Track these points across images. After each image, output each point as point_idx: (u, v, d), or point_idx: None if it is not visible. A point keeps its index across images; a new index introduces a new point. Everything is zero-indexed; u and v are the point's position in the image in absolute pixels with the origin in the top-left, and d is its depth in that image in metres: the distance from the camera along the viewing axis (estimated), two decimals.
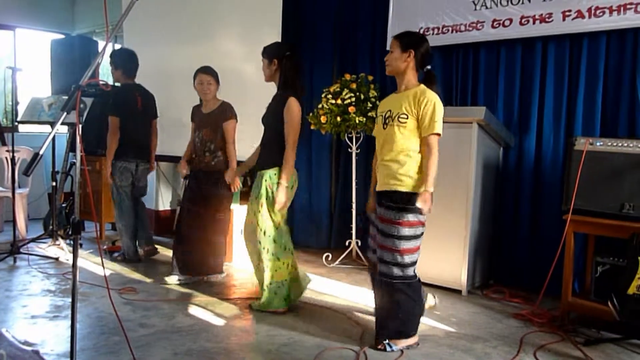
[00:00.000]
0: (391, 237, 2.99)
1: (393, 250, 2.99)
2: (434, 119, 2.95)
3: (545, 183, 4.24)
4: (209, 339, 3.18)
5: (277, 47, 3.72)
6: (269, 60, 3.66)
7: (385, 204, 3.01)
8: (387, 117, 3.07)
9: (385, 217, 3.01)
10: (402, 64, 3.06)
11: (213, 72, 4.35)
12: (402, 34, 3.17)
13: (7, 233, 5.94)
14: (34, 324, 3.36)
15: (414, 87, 3.06)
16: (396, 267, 3.00)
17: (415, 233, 3.02)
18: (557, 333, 3.38)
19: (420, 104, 2.96)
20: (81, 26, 7.69)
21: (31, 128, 7.00)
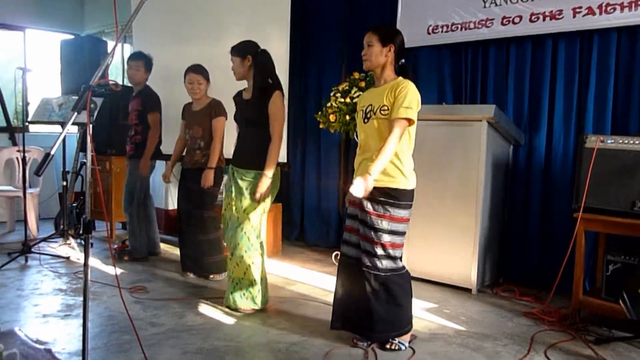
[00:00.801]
0: (381, 230, 2.96)
1: (383, 244, 2.96)
2: (403, 104, 2.87)
3: (555, 181, 4.22)
4: (219, 338, 3.19)
5: (247, 44, 3.66)
6: (241, 58, 3.60)
7: (374, 198, 2.95)
8: (369, 111, 3.02)
9: (375, 211, 2.97)
10: (383, 58, 3.01)
11: (203, 71, 4.37)
12: (380, 27, 3.10)
13: (18, 232, 5.98)
14: (46, 323, 3.39)
15: (393, 80, 3.03)
16: (387, 259, 2.98)
17: (404, 229, 3.02)
18: (568, 332, 3.37)
19: (396, 92, 2.92)
20: (90, 26, 7.72)
21: (42, 128, 7.04)
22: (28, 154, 5.15)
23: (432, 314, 3.69)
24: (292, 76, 5.31)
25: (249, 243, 3.58)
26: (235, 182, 3.64)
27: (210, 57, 4.62)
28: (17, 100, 5.39)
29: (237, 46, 3.67)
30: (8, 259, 4.72)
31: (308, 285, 4.35)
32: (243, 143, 3.70)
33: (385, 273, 2.98)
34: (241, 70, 3.64)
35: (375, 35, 3.02)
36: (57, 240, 5.41)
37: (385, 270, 2.98)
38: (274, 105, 3.54)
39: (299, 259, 5.24)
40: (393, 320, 3.03)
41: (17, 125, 6.80)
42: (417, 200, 4.35)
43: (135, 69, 4.87)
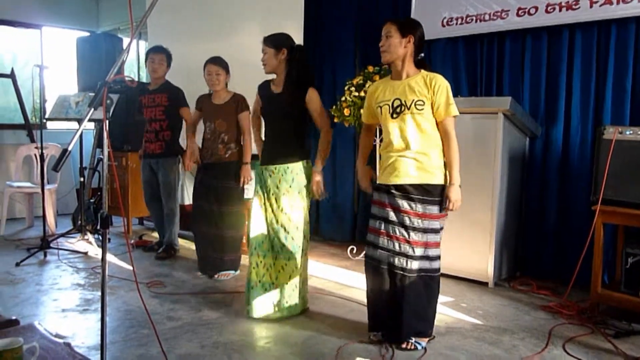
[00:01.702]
0: (421, 230, 2.90)
1: (425, 244, 2.91)
2: (449, 101, 2.85)
3: (573, 173, 4.17)
4: (235, 332, 3.21)
5: (284, 36, 3.52)
6: (276, 49, 3.45)
7: (412, 196, 2.89)
8: (398, 105, 2.91)
9: (414, 210, 2.89)
10: (402, 50, 2.92)
11: (222, 63, 4.33)
12: (398, 19, 3.04)
13: (37, 228, 6.06)
14: (65, 317, 3.43)
15: (417, 74, 2.94)
16: (424, 260, 2.92)
17: (442, 226, 2.97)
18: (587, 325, 3.34)
19: (433, 88, 2.86)
20: (106, 23, 7.77)
21: (59, 125, 7.11)
22: (46, 151, 5.20)
23: (449, 307, 3.68)
24: None
25: (305, 242, 3.49)
26: (268, 181, 3.48)
27: (224, 52, 4.62)
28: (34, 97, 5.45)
29: (272, 37, 3.50)
30: (27, 254, 4.79)
31: (324, 280, 4.35)
32: (275, 140, 3.55)
33: (418, 274, 2.91)
34: (274, 62, 3.47)
35: (394, 26, 2.93)
36: (75, 235, 5.47)
37: (419, 271, 2.91)
38: (313, 101, 3.47)
39: (315, 253, 5.24)
40: (417, 324, 2.97)
41: (34, 123, 6.86)
42: None
43: (158, 62, 4.85)
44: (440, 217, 2.94)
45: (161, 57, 4.87)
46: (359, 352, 2.95)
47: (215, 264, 4.37)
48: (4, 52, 7.32)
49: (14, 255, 4.88)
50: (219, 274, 4.35)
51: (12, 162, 6.66)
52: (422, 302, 2.96)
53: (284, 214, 3.43)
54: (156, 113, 4.86)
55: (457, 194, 2.87)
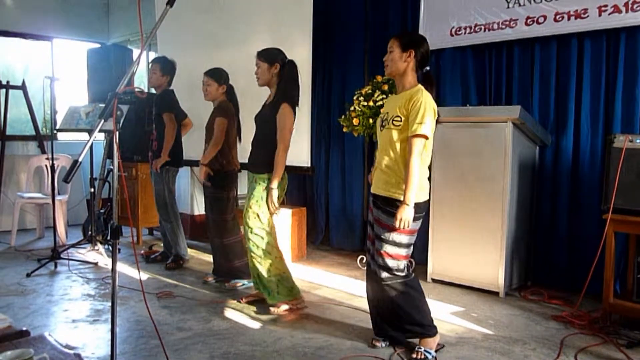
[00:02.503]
0: (381, 240, 2.96)
1: (381, 254, 2.96)
2: (419, 120, 2.80)
3: (583, 182, 4.15)
4: (246, 342, 3.20)
5: (277, 51, 3.69)
6: (269, 64, 3.63)
7: (383, 208, 2.96)
8: (384, 119, 3.00)
9: (380, 219, 2.98)
10: (402, 64, 2.96)
11: (213, 74, 4.35)
12: (402, 34, 3.11)
13: (48, 239, 6.09)
14: (75, 328, 3.44)
15: (412, 88, 2.97)
16: (386, 270, 2.97)
17: (409, 241, 2.97)
18: (599, 335, 3.30)
19: (409, 104, 2.87)
20: (116, 35, 7.84)
21: (69, 136, 7.16)
22: (56, 162, 5.24)
23: (459, 317, 3.65)
24: (315, 80, 5.32)
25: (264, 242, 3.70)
26: (251, 186, 3.74)
27: (233, 61, 4.65)
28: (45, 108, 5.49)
29: (265, 52, 3.67)
30: (38, 265, 4.80)
31: (333, 289, 4.34)
32: (254, 147, 3.76)
33: (385, 282, 3.00)
34: (267, 76, 3.65)
35: (396, 41, 2.99)
36: (86, 246, 5.49)
37: (386, 279, 2.99)
38: (282, 117, 3.59)
39: (324, 262, 5.24)
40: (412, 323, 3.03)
41: (45, 134, 6.93)
42: (443, 203, 4.34)
43: (152, 71, 4.87)
44: (403, 232, 2.90)
45: (154, 66, 4.88)
46: None
47: (226, 271, 4.42)
48: (16, 64, 7.40)
49: (24, 266, 4.90)
50: (230, 283, 4.36)
51: (23, 173, 6.71)
52: (400, 305, 3.01)
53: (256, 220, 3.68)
54: (151, 123, 4.94)
55: (406, 213, 2.80)
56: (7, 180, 6.74)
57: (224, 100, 4.40)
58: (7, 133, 6.80)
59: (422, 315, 3.06)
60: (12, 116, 7.02)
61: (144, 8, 2.39)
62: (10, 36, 7.10)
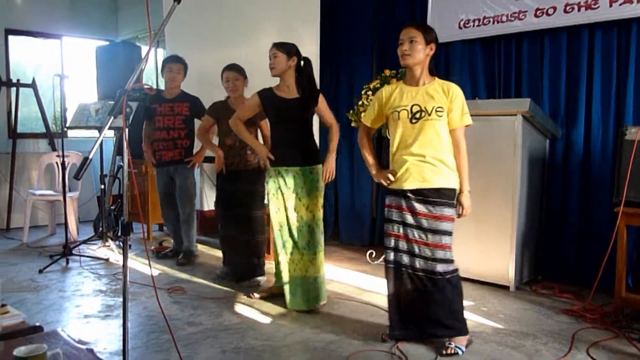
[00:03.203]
0: (439, 233, 2.93)
1: (442, 247, 2.93)
2: (464, 110, 2.95)
3: (594, 175, 4.12)
4: (256, 337, 3.21)
5: (292, 45, 3.73)
6: (288, 55, 3.66)
7: (429, 200, 2.93)
8: (417, 111, 2.94)
9: (431, 213, 2.93)
10: (424, 56, 2.97)
11: (239, 69, 4.33)
12: (424, 25, 3.07)
13: (59, 235, 6.14)
14: (87, 323, 3.47)
15: (433, 81, 3.01)
16: (444, 262, 2.94)
17: (453, 228, 2.99)
18: (611, 329, 3.29)
19: (450, 96, 2.93)
20: (124, 32, 7.87)
21: (79, 133, 7.22)
22: (67, 159, 5.27)
23: (470, 312, 3.64)
24: (323, 75, 5.31)
25: (317, 239, 3.69)
26: (291, 181, 3.67)
27: (242, 58, 4.64)
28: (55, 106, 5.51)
29: (283, 44, 3.69)
30: (50, 261, 4.85)
31: (343, 284, 4.34)
32: (294, 142, 3.71)
33: (443, 276, 2.94)
34: (284, 67, 3.65)
35: (419, 32, 2.96)
36: (97, 242, 5.53)
37: (444, 274, 2.94)
38: (323, 103, 3.79)
39: (334, 257, 5.24)
40: (453, 322, 2.98)
41: (56, 131, 6.98)
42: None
43: (177, 71, 4.87)
44: (452, 220, 2.98)
45: (179, 66, 4.90)
46: (378, 357, 2.94)
47: (244, 269, 4.35)
48: (26, 63, 7.45)
49: (37, 262, 4.95)
50: (250, 281, 4.31)
51: (34, 170, 6.77)
52: (451, 302, 2.97)
53: (309, 212, 3.67)
54: (175, 122, 4.88)
55: (469, 200, 2.98)
56: (19, 178, 6.80)
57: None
58: (18, 131, 6.86)
59: (463, 312, 3.05)
60: (23, 114, 7.08)
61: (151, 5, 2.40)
62: (20, 35, 7.15)
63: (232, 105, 4.35)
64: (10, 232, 6.51)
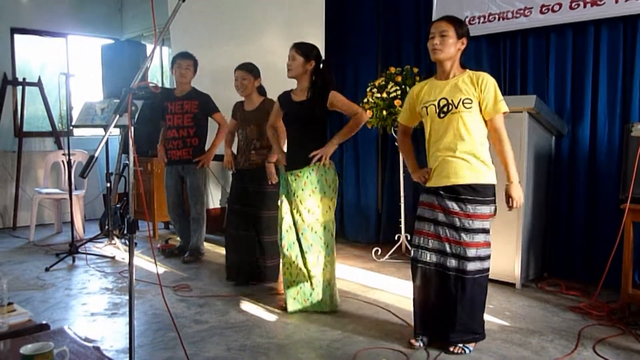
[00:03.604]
0: (472, 231, 2.86)
1: (476, 245, 2.87)
2: (497, 98, 2.83)
3: (600, 171, 4.10)
4: (262, 335, 3.22)
5: (314, 48, 3.65)
6: (305, 58, 3.56)
7: (462, 197, 2.85)
8: (444, 105, 2.87)
9: (463, 211, 2.86)
10: (455, 50, 2.90)
11: (248, 67, 4.28)
12: (456, 19, 2.98)
13: (65, 234, 6.16)
14: (94, 321, 3.48)
15: (463, 73, 2.93)
16: (478, 261, 2.88)
17: (489, 226, 2.93)
18: (617, 326, 3.28)
19: (480, 86, 2.84)
20: (129, 31, 7.88)
21: (85, 132, 7.23)
22: (73, 157, 5.28)
23: None
24: None
25: (332, 240, 3.61)
26: (293, 185, 3.57)
27: (247, 57, 4.64)
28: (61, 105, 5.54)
29: (303, 46, 3.59)
30: (56, 259, 4.86)
31: (348, 282, 4.34)
32: (299, 145, 3.63)
33: (472, 275, 2.87)
34: (300, 70, 3.57)
35: (451, 25, 2.89)
36: (103, 240, 5.55)
37: (474, 272, 2.87)
38: (338, 99, 3.57)
39: (339, 255, 5.20)
40: (472, 324, 2.94)
41: (62, 130, 7.00)
42: None
43: (186, 68, 4.85)
44: (490, 217, 2.90)
45: (189, 62, 4.87)
46: (385, 355, 2.94)
47: (252, 269, 4.26)
48: (32, 61, 7.46)
49: (43, 260, 4.97)
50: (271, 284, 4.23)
51: (40, 169, 6.79)
52: (477, 303, 2.94)
53: (311, 214, 3.56)
54: (184, 120, 4.87)
55: (518, 191, 2.86)
56: (25, 176, 6.82)
57: (266, 97, 4.33)
58: (24, 130, 6.88)
59: (483, 315, 3.01)
60: (29, 113, 7.10)
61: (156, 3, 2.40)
62: (26, 34, 7.17)
63: (245, 106, 4.35)
64: (16, 230, 6.54)
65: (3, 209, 6.70)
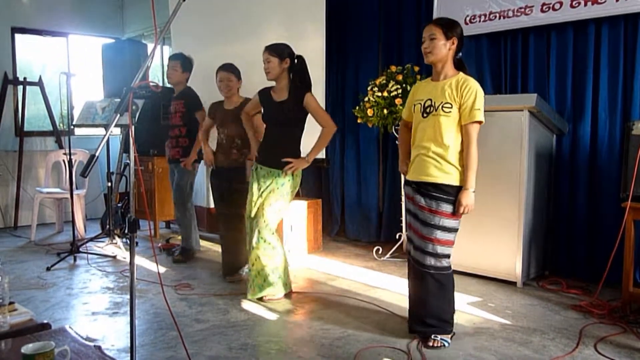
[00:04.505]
0: (431, 226, 2.96)
1: (431, 240, 2.97)
2: (474, 106, 2.88)
3: (601, 170, 4.10)
4: (263, 334, 3.22)
5: (285, 46, 3.74)
6: (280, 59, 3.68)
7: (429, 193, 2.96)
8: (428, 106, 2.98)
9: (427, 206, 2.97)
10: (446, 52, 2.96)
11: (233, 69, 4.36)
12: (442, 20, 3.06)
13: (66, 233, 6.17)
14: (95, 321, 3.48)
15: (454, 76, 2.98)
16: (434, 257, 2.98)
17: (454, 226, 2.99)
18: (618, 324, 3.27)
19: (462, 92, 2.90)
20: (130, 30, 7.88)
21: (86, 131, 7.23)
22: (74, 157, 5.28)
23: (477, 308, 3.64)
24: (329, 72, 5.30)
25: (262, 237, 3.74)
26: (259, 179, 3.78)
27: (247, 55, 4.65)
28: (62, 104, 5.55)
29: (275, 47, 3.70)
30: (58, 259, 4.87)
31: (350, 281, 4.35)
32: (273, 143, 3.78)
33: (428, 270, 2.99)
34: (278, 70, 3.69)
35: (438, 28, 2.96)
36: (104, 239, 5.56)
37: (429, 267, 2.99)
38: (311, 104, 3.71)
39: (340, 254, 5.24)
40: (432, 319, 3.03)
41: (63, 129, 7.01)
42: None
43: (172, 68, 4.86)
44: (452, 217, 2.96)
45: (175, 63, 4.86)
46: (386, 353, 2.94)
47: (233, 266, 4.38)
48: (32, 61, 7.47)
49: (44, 259, 4.97)
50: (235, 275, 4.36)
51: (41, 168, 6.80)
52: (435, 299, 3.02)
53: (265, 210, 3.73)
54: (176, 120, 4.89)
55: (468, 199, 2.91)
56: (26, 176, 6.83)
57: (246, 97, 4.33)
58: (25, 129, 6.89)
59: (449, 311, 3.07)
60: (30, 112, 7.10)
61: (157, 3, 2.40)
62: (26, 33, 7.16)
63: (225, 105, 4.41)
64: (18, 230, 6.55)
65: (4, 209, 6.71)
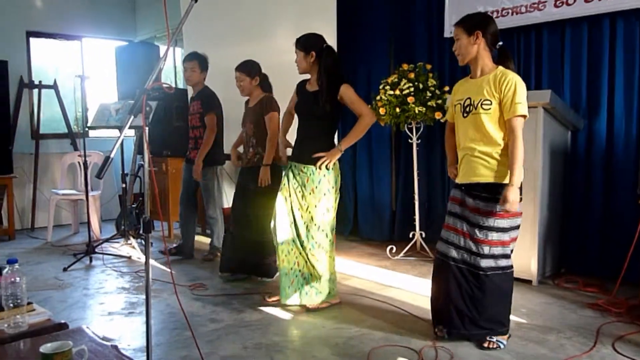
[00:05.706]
0: (485, 228, 2.89)
1: (490, 243, 2.89)
2: (515, 100, 2.79)
3: (617, 166, 4.06)
4: (277, 333, 3.22)
5: (313, 38, 3.61)
6: (305, 52, 3.57)
7: (485, 195, 2.88)
8: (467, 105, 2.91)
9: (480, 208, 2.89)
10: (473, 48, 2.90)
11: (244, 67, 4.29)
12: (464, 18, 2.99)
13: (82, 234, 6.22)
14: (111, 320, 3.51)
15: (492, 71, 2.90)
16: (491, 258, 2.90)
17: (511, 225, 2.92)
18: (637, 323, 3.24)
19: (501, 86, 2.82)
20: (143, 32, 7.92)
21: (101, 133, 7.28)
22: (89, 158, 5.32)
23: None
24: None
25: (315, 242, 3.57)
26: (294, 177, 3.60)
27: (259, 55, 4.64)
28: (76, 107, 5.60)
29: (302, 39, 3.61)
30: (74, 259, 4.92)
31: (363, 280, 4.34)
32: (307, 136, 3.64)
33: (485, 272, 2.90)
34: (304, 64, 3.60)
35: (459, 27, 2.94)
36: (119, 240, 5.60)
37: (486, 270, 2.90)
38: (347, 95, 3.53)
39: (354, 253, 5.24)
40: (487, 322, 2.95)
41: (77, 131, 7.06)
42: None
43: (190, 70, 4.85)
44: (506, 216, 2.88)
45: (193, 64, 4.86)
46: (399, 353, 2.93)
47: (253, 267, 4.32)
48: (47, 64, 7.53)
49: (61, 260, 5.02)
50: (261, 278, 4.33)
51: (57, 170, 6.86)
52: (493, 299, 2.93)
53: (308, 212, 3.57)
54: (194, 121, 4.90)
55: (513, 195, 2.78)
56: (42, 178, 6.90)
57: (265, 94, 4.32)
58: (41, 132, 6.95)
59: (504, 312, 2.99)
60: (45, 115, 7.17)
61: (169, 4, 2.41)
62: (41, 37, 7.23)
63: (248, 102, 4.41)
64: (34, 231, 6.62)
65: (21, 211, 6.77)
